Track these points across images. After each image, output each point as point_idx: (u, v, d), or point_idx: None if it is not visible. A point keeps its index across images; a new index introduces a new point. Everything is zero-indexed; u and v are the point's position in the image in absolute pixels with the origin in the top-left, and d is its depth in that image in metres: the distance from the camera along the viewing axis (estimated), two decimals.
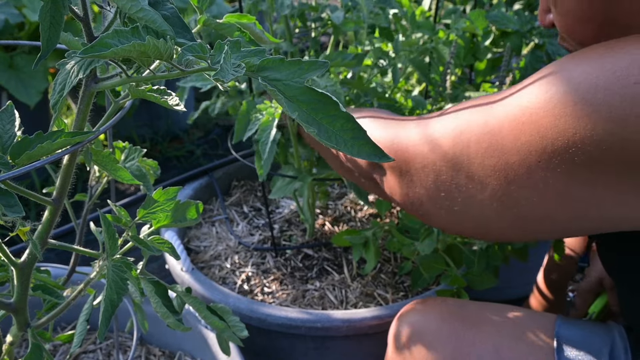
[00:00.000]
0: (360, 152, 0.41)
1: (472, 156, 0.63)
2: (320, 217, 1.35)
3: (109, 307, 0.55)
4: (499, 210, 0.63)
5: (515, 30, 1.33)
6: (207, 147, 2.23)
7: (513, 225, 0.65)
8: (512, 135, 0.60)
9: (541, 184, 0.58)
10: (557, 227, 0.63)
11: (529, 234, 0.69)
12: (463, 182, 0.65)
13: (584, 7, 0.64)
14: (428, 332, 0.76)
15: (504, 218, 0.64)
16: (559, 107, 0.56)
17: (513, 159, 0.60)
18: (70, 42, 0.54)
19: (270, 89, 0.41)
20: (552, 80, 0.58)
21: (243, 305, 1.04)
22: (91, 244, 0.67)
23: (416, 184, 0.70)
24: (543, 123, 0.57)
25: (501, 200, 0.62)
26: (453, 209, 0.67)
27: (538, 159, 0.57)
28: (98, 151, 0.58)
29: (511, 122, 0.60)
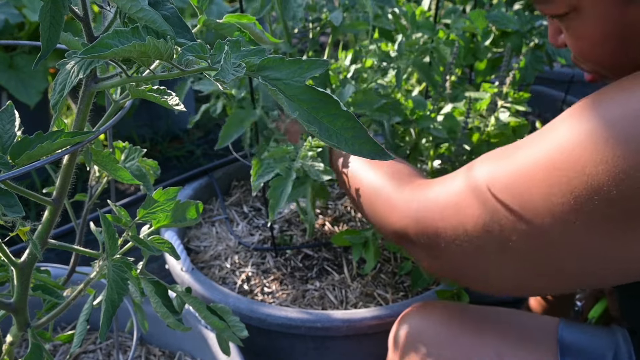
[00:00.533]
0: (361, 150, 0.41)
1: (502, 224, 0.62)
2: (320, 217, 1.35)
3: (109, 307, 0.55)
4: (537, 270, 0.62)
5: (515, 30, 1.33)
6: (207, 147, 2.23)
7: (553, 281, 0.64)
8: (544, 196, 0.58)
9: (578, 244, 0.58)
10: (604, 280, 0.62)
11: (569, 287, 0.69)
12: (495, 251, 0.63)
13: (598, 31, 0.62)
14: (427, 335, 0.76)
15: (542, 273, 0.63)
16: (592, 147, 0.54)
17: (547, 220, 0.58)
18: (70, 42, 0.54)
19: (270, 88, 0.41)
20: (585, 116, 0.56)
21: (243, 305, 1.04)
22: (91, 244, 0.67)
23: (446, 257, 0.69)
24: (575, 169, 0.56)
25: (538, 262, 0.61)
26: (486, 274, 0.67)
27: (574, 219, 0.56)
28: (98, 151, 0.58)
29: (540, 177, 0.59)
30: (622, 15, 0.59)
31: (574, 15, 0.63)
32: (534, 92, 1.97)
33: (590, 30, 0.63)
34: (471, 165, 0.69)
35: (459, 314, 0.78)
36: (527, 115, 2.07)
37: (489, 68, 1.44)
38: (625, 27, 0.60)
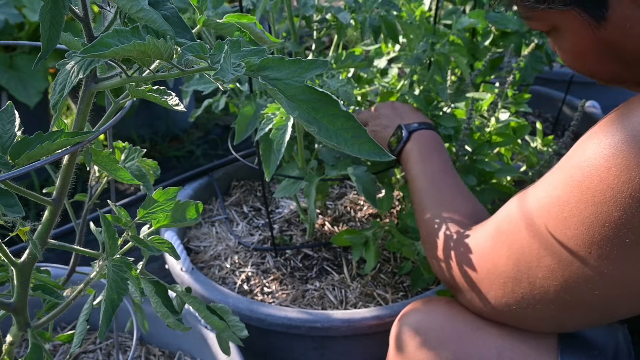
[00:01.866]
0: (360, 150, 0.41)
1: (528, 262, 0.64)
2: (320, 217, 1.35)
3: (109, 307, 0.55)
4: (568, 309, 0.64)
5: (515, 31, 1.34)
6: (207, 147, 2.23)
7: (587, 317, 0.65)
8: (559, 230, 0.60)
9: (598, 275, 0.58)
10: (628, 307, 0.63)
11: (605, 319, 0.70)
12: (528, 291, 0.65)
13: (578, 47, 0.65)
14: (430, 331, 0.76)
15: (575, 314, 0.64)
16: (597, 177, 0.56)
17: (564, 255, 0.60)
18: (70, 42, 0.54)
19: (270, 88, 0.41)
20: (600, 142, 0.57)
21: (243, 305, 1.04)
22: (91, 244, 0.67)
23: (486, 301, 0.71)
24: (585, 200, 0.57)
25: (566, 299, 0.62)
26: (527, 318, 0.68)
27: (588, 250, 0.58)
28: (98, 151, 0.58)
29: (555, 212, 0.60)
30: (596, 36, 0.62)
31: (555, 33, 0.66)
32: (534, 92, 1.98)
33: (571, 46, 0.65)
34: (504, 206, 0.72)
35: (462, 310, 0.78)
36: (527, 116, 2.07)
37: (489, 68, 1.44)
38: (603, 46, 0.63)
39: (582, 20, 0.61)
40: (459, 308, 0.78)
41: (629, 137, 0.54)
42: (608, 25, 0.60)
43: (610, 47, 0.62)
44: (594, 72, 0.67)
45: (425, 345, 0.75)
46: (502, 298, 0.68)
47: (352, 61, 1.01)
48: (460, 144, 1.01)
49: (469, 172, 1.03)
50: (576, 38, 0.64)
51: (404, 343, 0.78)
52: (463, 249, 0.74)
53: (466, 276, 0.72)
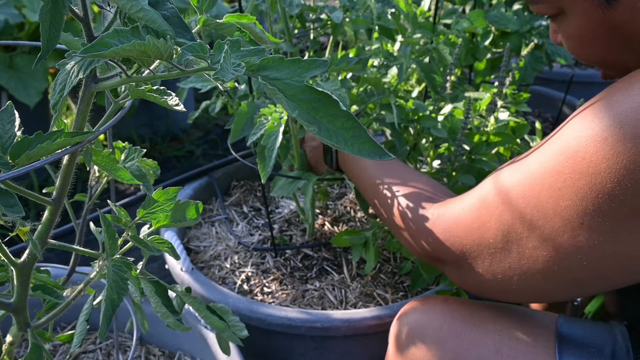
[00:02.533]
0: (361, 150, 0.41)
1: (519, 233, 0.64)
2: (320, 217, 1.35)
3: (109, 307, 0.55)
4: (554, 279, 0.64)
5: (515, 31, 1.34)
6: (207, 147, 2.23)
7: (570, 289, 0.65)
8: (552, 200, 0.60)
9: (588, 246, 0.58)
10: (615, 281, 0.63)
11: (587, 292, 0.70)
12: (516, 261, 0.65)
13: (585, 32, 0.64)
14: (429, 330, 0.76)
15: (560, 285, 0.64)
16: (593, 146, 0.55)
17: (557, 224, 0.60)
18: (70, 42, 0.54)
19: (270, 88, 0.41)
20: (586, 118, 0.57)
21: (243, 305, 1.04)
22: (91, 244, 0.67)
23: (474, 272, 0.71)
24: (580, 170, 0.57)
25: (553, 270, 0.62)
26: (511, 287, 0.68)
27: (581, 220, 0.57)
28: (98, 151, 0.58)
29: (549, 183, 0.60)
30: (605, 17, 0.61)
31: (562, 17, 0.65)
32: (534, 92, 1.98)
33: (578, 30, 0.65)
34: (487, 179, 0.71)
35: (459, 308, 0.78)
36: (526, 116, 2.07)
37: (488, 68, 1.44)
38: (611, 29, 0.62)
39: (591, 1, 0.60)
40: (456, 306, 0.78)
41: (628, 109, 0.54)
42: (618, 5, 0.60)
43: (619, 31, 0.62)
44: (599, 58, 0.66)
45: (424, 343, 0.75)
46: (488, 269, 0.68)
47: (347, 64, 1.01)
48: (459, 144, 1.01)
49: (468, 172, 1.03)
50: (584, 21, 0.63)
51: (403, 342, 0.78)
52: (446, 223, 0.73)
53: (452, 250, 0.72)
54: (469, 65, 1.42)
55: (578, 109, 0.61)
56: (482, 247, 0.68)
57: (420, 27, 1.12)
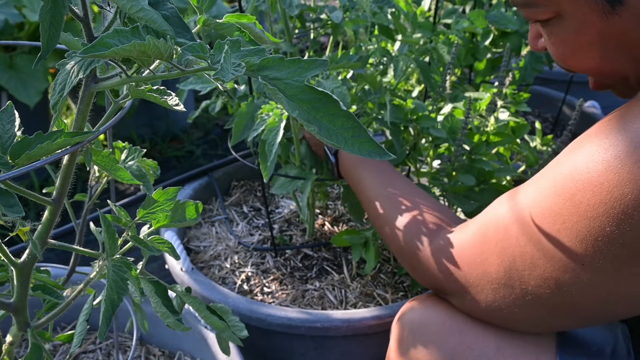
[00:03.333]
0: (361, 150, 0.41)
1: (521, 271, 0.64)
2: (320, 217, 1.35)
3: (109, 307, 0.55)
4: (559, 314, 0.64)
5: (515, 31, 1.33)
6: (206, 147, 2.23)
7: (575, 321, 0.65)
8: (552, 241, 0.59)
9: (590, 286, 0.58)
10: (618, 314, 0.63)
11: (594, 324, 0.70)
12: (520, 296, 0.65)
13: (581, 39, 0.62)
14: (430, 328, 0.76)
15: (564, 318, 0.65)
16: (590, 192, 0.55)
17: (558, 264, 0.59)
18: (70, 42, 0.54)
19: (270, 88, 0.41)
20: (593, 154, 0.56)
21: (243, 305, 1.04)
22: (91, 244, 0.67)
23: (477, 303, 0.70)
24: (578, 213, 0.56)
25: (557, 305, 0.63)
26: (516, 319, 0.68)
27: (582, 262, 0.57)
28: (98, 151, 0.58)
29: (548, 223, 0.59)
30: (604, 24, 0.59)
31: (556, 21, 0.63)
32: (534, 92, 1.98)
33: (573, 37, 0.62)
34: (488, 208, 0.71)
35: None
36: (526, 116, 2.07)
37: (488, 68, 1.44)
38: (610, 36, 0.60)
39: (594, 4, 0.58)
40: None
41: (623, 151, 0.53)
42: (623, 11, 0.57)
43: (619, 38, 0.60)
44: (593, 66, 0.64)
45: (426, 341, 0.75)
46: (493, 302, 0.68)
47: (348, 61, 1.01)
48: (459, 143, 1.01)
49: (468, 172, 1.03)
50: (580, 27, 0.61)
51: (404, 340, 0.78)
52: (448, 254, 0.74)
53: (455, 282, 0.72)
54: (469, 65, 1.42)
55: (574, 140, 0.60)
56: (485, 282, 0.68)
57: (420, 26, 1.12)
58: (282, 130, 0.94)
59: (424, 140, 1.15)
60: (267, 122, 0.96)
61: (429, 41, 1.13)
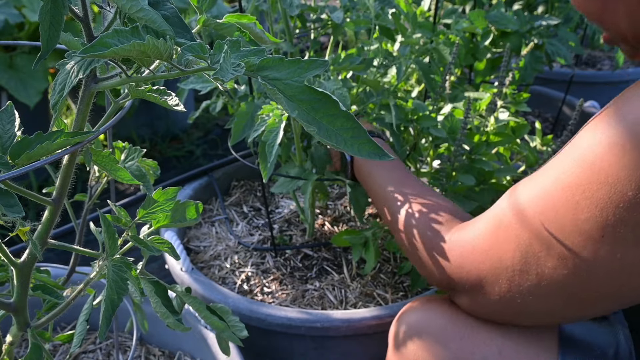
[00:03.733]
0: (360, 150, 0.41)
1: (537, 253, 0.63)
2: (320, 217, 1.35)
3: (109, 307, 0.55)
4: (573, 300, 0.63)
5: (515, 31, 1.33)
6: (207, 147, 2.23)
7: (586, 308, 0.64)
8: (570, 215, 0.58)
9: (609, 261, 0.57)
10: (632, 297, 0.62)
11: (604, 311, 0.69)
12: (535, 283, 0.64)
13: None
14: (432, 330, 0.76)
15: (577, 305, 0.63)
16: (611, 155, 0.54)
17: (576, 240, 0.59)
18: (70, 42, 0.54)
19: (270, 88, 0.41)
20: (602, 125, 0.56)
21: (243, 305, 1.04)
22: (91, 244, 0.67)
23: (488, 297, 0.69)
24: (598, 180, 0.55)
25: (573, 291, 0.62)
26: (527, 310, 0.67)
27: (602, 233, 0.56)
28: (98, 151, 0.58)
29: (566, 197, 0.59)
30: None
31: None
32: (534, 92, 1.98)
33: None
34: (502, 198, 0.70)
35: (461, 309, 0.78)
36: (526, 116, 2.07)
37: (488, 68, 1.44)
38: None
39: None
40: (457, 306, 0.78)
41: (619, 125, 0.53)
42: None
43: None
44: (596, 12, 0.63)
45: (426, 344, 0.75)
46: (507, 293, 0.67)
47: (350, 63, 1.01)
48: (459, 143, 1.01)
49: (468, 172, 1.03)
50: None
51: (403, 343, 0.78)
52: (462, 248, 0.73)
53: (469, 275, 0.71)
54: (469, 65, 1.42)
55: (588, 121, 0.60)
56: (500, 271, 0.67)
57: (420, 27, 1.12)
58: (282, 132, 0.94)
59: (424, 141, 1.15)
60: (267, 123, 0.96)
61: (429, 41, 1.13)
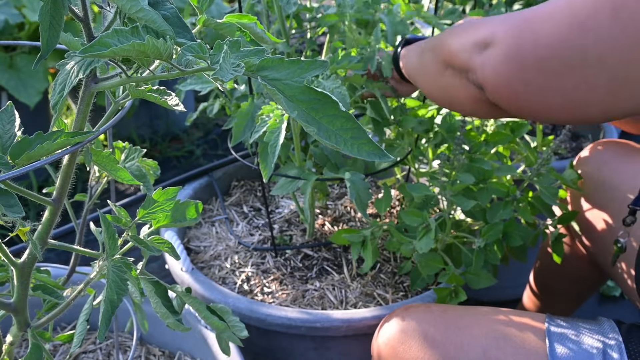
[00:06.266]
0: (360, 151, 0.41)
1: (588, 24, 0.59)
2: (320, 217, 1.35)
3: (109, 307, 0.55)
4: (617, 84, 0.59)
5: None
6: (207, 147, 2.23)
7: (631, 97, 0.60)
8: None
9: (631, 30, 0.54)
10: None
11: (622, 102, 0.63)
12: (577, 62, 0.60)
13: None
14: (413, 339, 0.75)
15: (621, 89, 0.59)
16: None
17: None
18: (70, 42, 0.54)
19: (269, 88, 0.41)
20: None
21: (243, 305, 1.04)
22: (91, 244, 0.67)
23: (529, 74, 0.64)
24: None
25: (616, 70, 0.58)
26: (567, 95, 0.63)
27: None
28: (98, 151, 0.58)
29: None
30: None
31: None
32: None
33: None
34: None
35: (442, 314, 0.78)
36: None
37: None
38: None
39: None
40: (439, 312, 0.78)
41: None
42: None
43: None
44: None
45: (411, 351, 0.75)
46: (549, 70, 0.62)
47: (349, 62, 1.01)
48: (458, 143, 1.01)
49: (468, 171, 1.03)
50: None
51: (388, 350, 0.78)
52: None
53: (521, 39, 0.65)
54: None
55: None
56: (554, 41, 0.62)
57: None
58: (284, 132, 0.94)
59: (424, 140, 1.15)
60: (268, 124, 0.96)
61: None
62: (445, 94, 0.83)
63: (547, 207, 1.06)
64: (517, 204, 1.04)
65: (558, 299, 1.25)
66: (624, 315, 1.62)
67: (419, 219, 1.01)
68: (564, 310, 1.26)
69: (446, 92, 0.82)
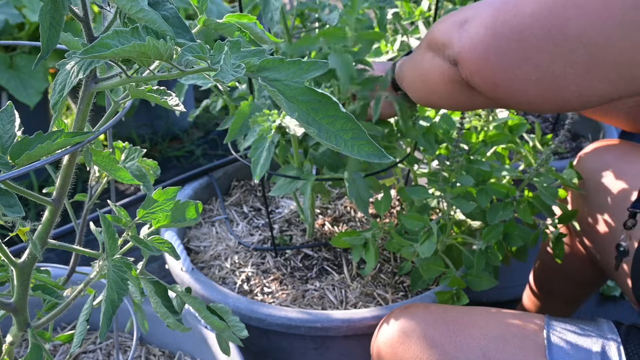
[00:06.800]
0: (360, 152, 0.41)
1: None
2: (320, 217, 1.35)
3: (109, 307, 0.55)
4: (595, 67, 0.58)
5: None
6: (207, 147, 2.23)
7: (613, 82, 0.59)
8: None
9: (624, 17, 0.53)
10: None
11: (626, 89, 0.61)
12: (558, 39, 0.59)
13: None
14: (413, 339, 0.75)
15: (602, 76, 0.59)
16: None
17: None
18: (70, 42, 0.54)
19: (270, 89, 0.41)
20: None
21: (243, 305, 1.04)
22: (91, 244, 0.67)
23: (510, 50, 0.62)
24: None
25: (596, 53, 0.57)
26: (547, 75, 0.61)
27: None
28: (98, 151, 0.58)
29: None
30: None
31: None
32: None
33: None
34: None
35: (442, 314, 0.77)
36: (526, 115, 2.07)
37: None
38: None
39: None
40: (439, 313, 0.78)
41: None
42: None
43: None
44: None
45: (409, 353, 0.74)
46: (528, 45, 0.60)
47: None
48: (456, 144, 1.01)
49: (467, 172, 1.03)
50: None
51: (388, 350, 0.78)
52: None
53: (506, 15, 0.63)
54: None
55: None
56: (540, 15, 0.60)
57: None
58: (267, 152, 0.96)
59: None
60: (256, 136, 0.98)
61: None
62: (424, 83, 0.80)
63: (547, 207, 1.06)
64: (517, 204, 1.04)
65: (558, 299, 1.25)
66: (624, 315, 1.62)
67: (420, 223, 1.01)
68: (564, 311, 1.27)
69: (423, 79, 0.79)
